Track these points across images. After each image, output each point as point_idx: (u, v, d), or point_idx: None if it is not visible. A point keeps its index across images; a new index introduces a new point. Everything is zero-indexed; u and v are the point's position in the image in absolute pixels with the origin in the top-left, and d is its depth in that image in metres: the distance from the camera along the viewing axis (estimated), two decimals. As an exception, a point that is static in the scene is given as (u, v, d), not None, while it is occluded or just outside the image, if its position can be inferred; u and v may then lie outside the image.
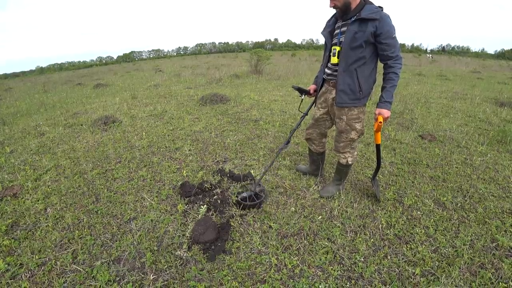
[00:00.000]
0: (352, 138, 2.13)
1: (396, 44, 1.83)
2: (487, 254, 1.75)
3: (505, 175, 2.72)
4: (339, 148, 2.22)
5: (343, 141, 2.17)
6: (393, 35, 1.80)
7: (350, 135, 2.12)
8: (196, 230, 1.92)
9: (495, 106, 5.63)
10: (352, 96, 1.98)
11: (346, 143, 2.17)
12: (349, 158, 2.24)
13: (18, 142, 4.08)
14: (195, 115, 4.96)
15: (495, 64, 25.27)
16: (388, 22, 1.77)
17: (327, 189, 2.40)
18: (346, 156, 2.23)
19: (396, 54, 1.84)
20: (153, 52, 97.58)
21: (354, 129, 2.09)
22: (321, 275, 1.63)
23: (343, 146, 2.20)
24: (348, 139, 2.14)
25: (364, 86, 1.97)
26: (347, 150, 2.21)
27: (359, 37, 1.81)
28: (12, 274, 1.68)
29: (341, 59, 1.94)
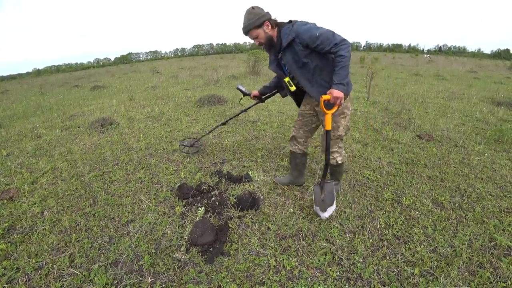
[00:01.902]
0: (339, 135, 2.11)
1: (326, 38, 1.75)
2: (485, 253, 1.76)
3: (502, 174, 2.73)
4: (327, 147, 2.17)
5: (330, 139, 2.09)
6: (315, 35, 1.75)
7: (337, 131, 2.09)
8: (194, 232, 1.91)
9: (491, 106, 5.66)
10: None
11: (333, 141, 2.14)
12: (338, 158, 2.20)
13: (15, 145, 4.05)
14: (193, 116, 4.95)
15: (491, 64, 25.44)
16: (303, 30, 1.78)
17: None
18: (334, 156, 2.19)
19: (334, 43, 1.73)
20: (151, 53, 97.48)
21: (340, 125, 2.07)
22: (320, 276, 1.62)
23: (331, 144, 2.14)
24: (336, 136, 2.12)
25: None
26: (335, 149, 2.18)
27: (297, 59, 1.88)
28: (9, 278, 1.66)
29: (300, 81, 1.98)
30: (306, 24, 1.81)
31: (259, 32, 1.89)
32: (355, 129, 4.07)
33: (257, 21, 1.85)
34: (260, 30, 1.89)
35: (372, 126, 4.17)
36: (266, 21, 1.87)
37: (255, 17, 1.85)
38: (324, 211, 2.01)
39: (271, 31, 1.91)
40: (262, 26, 1.88)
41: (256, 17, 1.85)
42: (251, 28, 1.87)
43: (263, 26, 1.88)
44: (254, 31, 1.89)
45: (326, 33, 1.74)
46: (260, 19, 1.85)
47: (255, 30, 1.88)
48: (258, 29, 1.88)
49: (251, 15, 1.86)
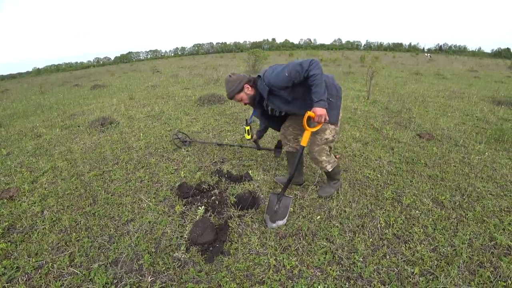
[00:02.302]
0: (326, 139, 2.09)
1: (295, 72, 1.80)
2: (485, 252, 1.75)
3: (502, 174, 2.73)
4: (315, 153, 2.14)
5: (317, 143, 2.10)
6: (286, 76, 1.83)
7: (325, 135, 2.07)
8: (194, 232, 1.91)
9: (492, 105, 5.65)
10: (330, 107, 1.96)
11: (321, 146, 2.11)
12: (327, 166, 2.20)
13: (15, 144, 4.05)
14: (193, 115, 4.95)
15: (491, 63, 25.40)
16: (273, 79, 1.88)
17: (325, 190, 2.37)
18: (323, 165, 2.18)
19: (304, 71, 1.79)
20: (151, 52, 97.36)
21: (328, 129, 2.06)
22: (320, 276, 1.62)
23: (318, 151, 2.12)
24: (323, 140, 2.09)
25: (329, 95, 1.96)
26: (323, 157, 2.15)
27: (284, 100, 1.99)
28: (9, 278, 1.66)
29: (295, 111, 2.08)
30: (272, 72, 1.90)
31: (242, 96, 2.06)
32: (355, 128, 4.06)
33: (238, 87, 2.02)
34: (242, 93, 2.06)
35: (372, 125, 4.17)
36: (245, 84, 2.03)
37: (234, 84, 2.02)
38: (273, 222, 2.01)
39: (251, 91, 2.06)
40: (243, 90, 2.05)
41: (235, 84, 2.02)
42: (234, 94, 2.05)
43: (244, 90, 2.05)
44: (237, 95, 2.06)
45: (293, 68, 1.81)
46: (240, 85, 2.02)
47: (238, 94, 2.05)
48: (240, 93, 2.05)
49: (230, 84, 2.03)
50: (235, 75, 2.06)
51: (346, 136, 3.72)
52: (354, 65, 15.36)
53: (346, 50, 62.15)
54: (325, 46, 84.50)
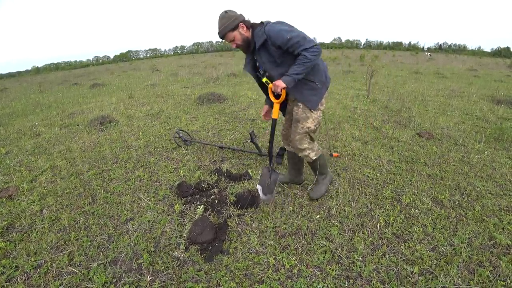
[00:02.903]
0: (308, 127, 2.04)
1: (296, 42, 1.75)
2: (485, 252, 1.75)
3: (502, 173, 2.73)
4: (296, 143, 2.09)
5: (298, 132, 2.05)
6: (286, 38, 1.76)
7: (307, 123, 2.03)
8: (194, 231, 1.91)
9: (491, 104, 5.65)
10: (312, 92, 1.97)
11: (302, 135, 2.06)
12: (311, 154, 2.13)
13: (14, 143, 4.04)
14: (192, 114, 4.94)
15: (491, 62, 25.40)
16: (274, 33, 1.78)
17: (315, 190, 2.31)
18: (307, 153, 2.13)
19: (304, 48, 1.75)
20: (150, 51, 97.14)
21: (310, 117, 2.02)
22: (319, 275, 1.62)
23: (299, 139, 2.07)
24: (304, 129, 2.04)
25: (316, 78, 1.94)
26: (305, 145, 2.10)
27: (272, 59, 1.89)
28: (8, 277, 1.66)
29: (275, 77, 1.95)
30: (277, 26, 1.81)
31: (235, 35, 1.91)
32: (355, 127, 4.06)
33: (232, 23, 1.86)
34: (236, 32, 1.90)
35: (372, 124, 4.17)
36: (240, 23, 1.88)
37: (229, 20, 1.86)
38: (264, 194, 2.20)
39: (246, 32, 1.92)
40: (237, 29, 1.89)
41: (230, 20, 1.86)
42: (227, 31, 1.88)
43: (238, 28, 1.89)
44: (230, 34, 1.90)
45: (296, 37, 1.75)
46: (234, 22, 1.87)
47: (231, 33, 1.90)
48: (234, 32, 1.90)
49: (224, 19, 1.87)
50: (231, 12, 1.90)
51: (345, 135, 3.72)
52: (353, 64, 15.34)
53: (346, 49, 62.08)
54: (324, 45, 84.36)
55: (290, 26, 1.82)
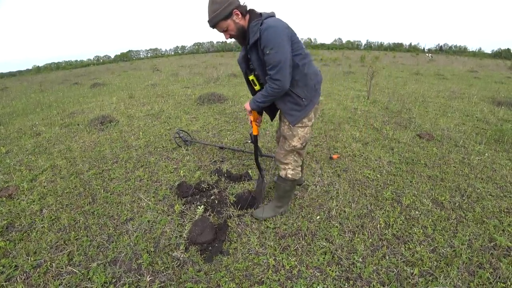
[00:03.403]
0: (294, 146, 1.85)
1: (272, 60, 1.54)
2: (485, 253, 1.75)
3: (502, 174, 2.72)
4: (280, 156, 1.93)
5: (285, 149, 1.89)
6: (268, 49, 1.53)
7: (292, 141, 1.84)
8: (193, 231, 1.91)
9: (492, 105, 5.65)
10: (296, 107, 1.75)
11: (287, 152, 1.89)
12: (288, 171, 1.92)
13: (14, 142, 4.04)
14: (193, 114, 4.94)
15: (492, 64, 25.38)
16: (265, 35, 1.52)
17: (261, 210, 2.11)
18: (286, 167, 1.93)
19: (271, 73, 1.58)
20: (151, 51, 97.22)
21: (296, 135, 1.82)
22: (319, 276, 1.62)
23: (285, 154, 1.91)
24: (291, 147, 1.86)
25: (303, 92, 1.72)
26: (289, 161, 1.92)
27: (260, 62, 1.68)
28: (7, 276, 1.66)
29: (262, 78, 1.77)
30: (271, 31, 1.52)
31: (229, 24, 1.61)
32: (355, 128, 4.06)
33: (224, 10, 1.55)
34: (230, 21, 1.60)
35: (372, 125, 4.16)
36: (234, 9, 1.58)
37: (221, 7, 1.55)
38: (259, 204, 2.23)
39: (241, 20, 1.63)
40: (231, 16, 1.59)
41: (222, 6, 1.55)
42: (219, 20, 1.58)
43: (233, 16, 1.59)
44: (222, 23, 1.60)
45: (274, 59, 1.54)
46: (227, 8, 1.55)
47: (224, 21, 1.60)
48: (227, 20, 1.59)
49: (215, 5, 1.56)
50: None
51: (346, 136, 3.72)
52: (354, 65, 15.34)
53: (347, 49, 62.11)
54: (325, 46, 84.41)
55: (282, 39, 1.54)
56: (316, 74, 1.78)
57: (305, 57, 1.69)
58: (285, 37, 1.55)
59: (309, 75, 1.71)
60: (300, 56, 1.66)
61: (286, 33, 1.56)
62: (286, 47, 1.55)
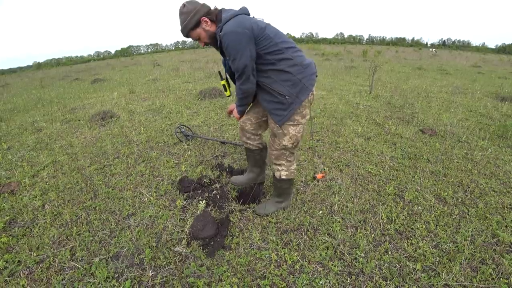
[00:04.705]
0: (285, 145, 1.79)
1: (234, 68, 1.56)
2: (488, 249, 1.74)
3: (506, 170, 2.70)
4: (272, 157, 1.89)
5: (276, 148, 1.83)
6: (228, 55, 1.55)
7: (283, 140, 1.78)
8: (195, 226, 1.91)
9: (495, 101, 5.60)
10: (280, 106, 1.68)
11: (279, 152, 1.84)
12: (282, 172, 1.90)
13: (15, 138, 4.04)
14: (194, 109, 4.92)
15: (495, 59, 25.15)
16: (224, 43, 1.51)
17: (263, 206, 2.08)
18: (279, 168, 1.90)
19: (235, 78, 1.62)
20: (151, 46, 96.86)
21: (287, 134, 1.75)
22: (321, 271, 1.62)
23: (277, 155, 1.86)
24: (281, 146, 1.81)
25: (285, 89, 1.63)
26: (282, 161, 1.88)
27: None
28: (11, 272, 1.66)
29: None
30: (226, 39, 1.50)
31: (199, 33, 1.62)
32: (357, 123, 4.03)
33: (192, 20, 1.57)
34: (199, 29, 1.61)
35: (374, 120, 4.14)
36: (202, 17, 1.58)
37: (188, 16, 1.57)
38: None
39: (211, 26, 1.62)
40: (200, 25, 1.60)
41: (189, 16, 1.56)
42: (188, 30, 1.60)
43: (202, 24, 1.60)
44: (192, 32, 1.62)
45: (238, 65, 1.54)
46: (194, 17, 1.57)
47: (194, 31, 1.62)
48: (197, 29, 1.61)
49: (183, 15, 1.58)
50: (190, 4, 1.58)
51: (348, 131, 3.70)
52: (356, 60, 15.22)
53: (348, 44, 61.61)
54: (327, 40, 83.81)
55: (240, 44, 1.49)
56: (304, 67, 1.64)
57: (283, 52, 1.59)
58: (244, 41, 1.49)
59: (291, 71, 1.61)
60: (275, 52, 1.58)
61: (246, 36, 1.49)
62: (246, 52, 1.51)
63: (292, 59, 1.61)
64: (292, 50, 1.63)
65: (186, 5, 1.57)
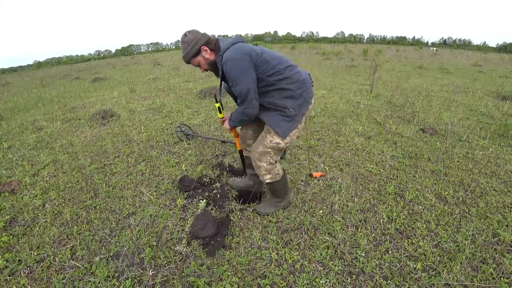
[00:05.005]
0: (277, 143, 1.77)
1: (236, 92, 1.64)
2: (488, 249, 1.74)
3: (506, 169, 2.70)
4: (256, 156, 1.83)
5: (265, 144, 1.80)
6: (231, 81, 1.62)
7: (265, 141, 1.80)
8: (196, 225, 1.91)
9: (496, 100, 5.58)
10: (285, 118, 1.74)
11: (266, 149, 1.80)
12: (266, 176, 1.87)
13: (16, 137, 4.04)
14: (194, 108, 4.92)
15: (496, 58, 25.07)
16: (226, 70, 1.61)
17: (263, 206, 2.10)
18: (261, 173, 1.87)
19: (238, 102, 1.70)
20: (152, 45, 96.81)
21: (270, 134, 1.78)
22: (321, 270, 1.61)
23: (261, 153, 1.81)
24: (272, 143, 1.78)
25: (289, 103, 1.71)
26: (263, 163, 1.83)
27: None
28: (11, 271, 1.66)
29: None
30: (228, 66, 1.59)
31: (199, 60, 1.73)
32: (358, 122, 4.03)
33: (193, 49, 1.68)
34: (199, 57, 1.72)
35: (375, 119, 4.13)
36: (202, 46, 1.68)
37: (189, 46, 1.67)
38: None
39: (211, 55, 1.73)
40: (200, 53, 1.71)
41: (190, 45, 1.67)
42: (189, 58, 1.72)
43: (202, 53, 1.71)
44: (193, 60, 1.73)
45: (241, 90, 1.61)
46: (195, 47, 1.67)
47: (194, 59, 1.73)
48: (197, 57, 1.72)
49: (184, 44, 1.70)
50: (191, 33, 1.69)
51: (348, 130, 3.69)
52: (356, 59, 15.19)
53: (349, 43, 61.51)
54: (327, 39, 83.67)
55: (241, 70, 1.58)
56: (302, 82, 1.73)
57: (282, 73, 1.68)
58: (245, 67, 1.59)
59: (291, 87, 1.70)
60: (275, 74, 1.67)
61: (246, 61, 1.59)
62: (247, 77, 1.60)
63: (290, 77, 1.71)
64: (289, 69, 1.72)
65: (188, 35, 1.69)
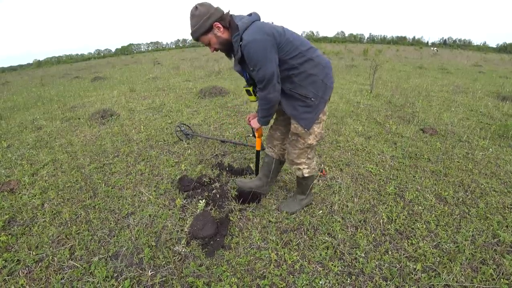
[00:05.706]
0: (309, 144, 1.78)
1: (257, 77, 1.53)
2: (488, 250, 1.74)
3: (506, 170, 2.69)
4: (293, 156, 1.85)
5: (299, 147, 1.80)
6: (252, 65, 1.50)
7: (308, 139, 1.76)
8: (195, 225, 1.90)
9: (496, 100, 5.58)
10: (307, 109, 1.67)
11: (301, 150, 1.81)
12: (304, 170, 1.88)
13: (15, 137, 4.04)
14: (194, 108, 4.91)
15: (496, 58, 25.04)
16: (246, 53, 1.47)
17: (288, 204, 2.10)
18: (301, 167, 1.87)
19: (259, 88, 1.58)
20: (152, 44, 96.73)
21: (312, 132, 1.75)
22: (321, 271, 1.61)
23: (298, 154, 1.83)
24: (306, 145, 1.79)
25: (310, 92, 1.63)
26: (302, 160, 1.85)
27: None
28: (10, 271, 1.66)
29: None
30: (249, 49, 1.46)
31: (210, 38, 1.55)
32: (358, 122, 4.02)
33: (204, 25, 1.49)
34: (211, 35, 1.54)
35: (375, 119, 4.13)
36: (215, 22, 1.51)
37: (200, 21, 1.48)
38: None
39: (224, 33, 1.55)
40: (212, 30, 1.53)
41: (201, 20, 1.48)
42: (199, 34, 1.53)
43: (214, 30, 1.53)
44: (203, 37, 1.55)
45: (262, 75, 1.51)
46: (206, 22, 1.49)
47: (205, 36, 1.54)
48: (208, 34, 1.54)
49: (195, 19, 1.49)
50: (203, 7, 1.49)
51: (348, 130, 3.69)
52: (357, 58, 15.18)
53: (349, 43, 61.46)
54: (328, 39, 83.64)
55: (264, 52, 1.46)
56: (324, 66, 1.65)
57: (304, 54, 1.58)
58: (268, 49, 1.47)
59: (314, 72, 1.61)
60: (298, 56, 1.57)
61: (269, 42, 1.46)
62: (270, 61, 1.49)
63: (313, 60, 1.61)
64: (312, 51, 1.62)
65: (199, 8, 1.49)
